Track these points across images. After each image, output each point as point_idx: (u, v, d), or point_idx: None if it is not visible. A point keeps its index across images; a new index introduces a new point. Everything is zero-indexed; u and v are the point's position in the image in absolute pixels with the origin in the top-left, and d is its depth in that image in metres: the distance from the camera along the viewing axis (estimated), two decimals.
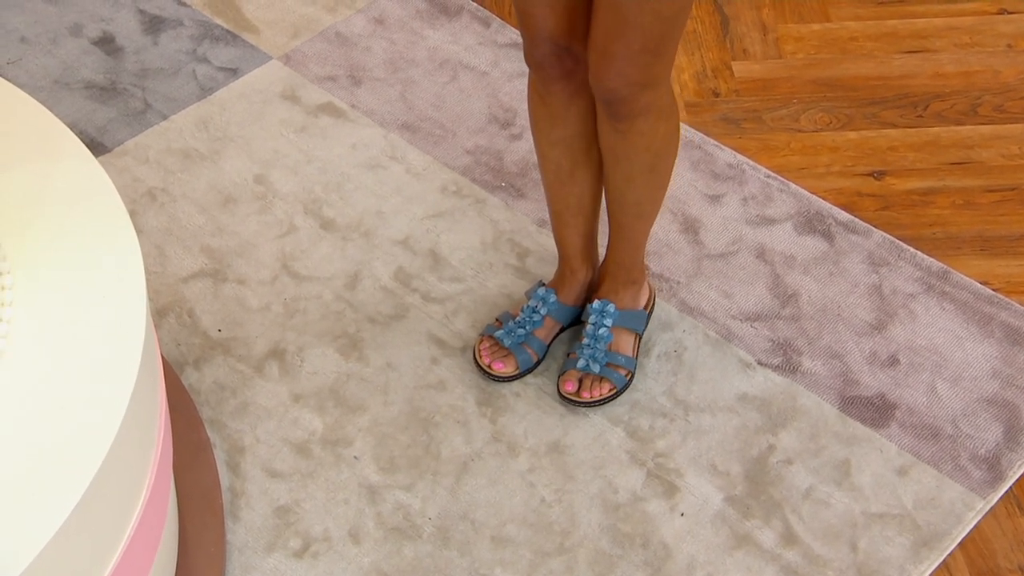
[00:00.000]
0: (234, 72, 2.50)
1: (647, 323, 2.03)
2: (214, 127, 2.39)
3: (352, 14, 2.64)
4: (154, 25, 2.59)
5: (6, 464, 1.27)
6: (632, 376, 1.98)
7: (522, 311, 2.00)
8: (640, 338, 2.02)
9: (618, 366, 1.97)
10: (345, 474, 1.88)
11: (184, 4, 2.64)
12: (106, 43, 2.55)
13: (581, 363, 1.97)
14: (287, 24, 2.61)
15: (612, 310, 1.97)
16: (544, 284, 2.03)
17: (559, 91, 1.83)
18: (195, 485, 1.77)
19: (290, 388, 1.99)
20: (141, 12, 2.62)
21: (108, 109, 2.42)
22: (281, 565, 1.78)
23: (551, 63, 1.79)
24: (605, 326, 1.97)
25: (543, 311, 1.99)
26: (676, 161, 1.88)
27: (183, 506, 1.74)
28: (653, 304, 2.05)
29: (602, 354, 1.96)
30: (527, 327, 1.99)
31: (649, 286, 2.05)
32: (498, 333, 1.99)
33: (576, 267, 2.00)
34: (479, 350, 2.00)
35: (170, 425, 1.59)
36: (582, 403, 1.95)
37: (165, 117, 2.41)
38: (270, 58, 2.53)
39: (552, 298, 1.99)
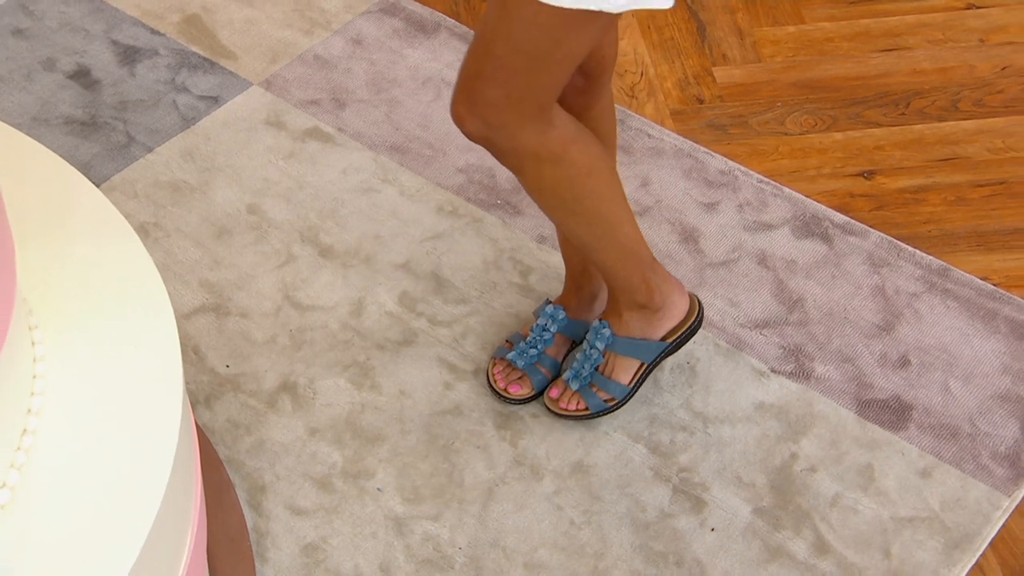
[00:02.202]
0: (215, 100, 2.42)
1: (667, 352, 1.90)
2: (200, 158, 2.31)
3: (329, 36, 2.57)
4: (129, 56, 2.50)
5: (48, 534, 1.19)
6: (620, 402, 1.89)
7: (532, 331, 1.94)
8: (646, 367, 1.91)
9: (600, 389, 1.89)
10: (370, 507, 1.82)
11: (158, 33, 2.55)
12: (82, 76, 2.46)
13: (566, 375, 1.91)
14: (264, 49, 2.53)
15: (607, 334, 1.88)
16: (551, 301, 1.97)
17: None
18: (222, 530, 1.70)
19: (305, 422, 1.91)
20: (114, 43, 2.53)
21: (91, 144, 2.33)
22: None
23: None
24: (596, 348, 1.89)
25: (553, 328, 1.93)
26: (610, 209, 1.71)
27: (211, 553, 1.67)
28: (686, 335, 1.90)
29: (587, 373, 1.89)
30: (539, 346, 1.93)
31: (690, 304, 1.90)
32: (510, 355, 1.93)
33: (581, 283, 1.94)
34: (493, 374, 1.94)
35: (205, 499, 1.52)
36: (556, 412, 1.90)
37: (150, 149, 2.32)
38: (250, 84, 2.45)
39: (561, 315, 1.93)
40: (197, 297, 2.08)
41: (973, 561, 1.79)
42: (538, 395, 1.94)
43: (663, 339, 1.89)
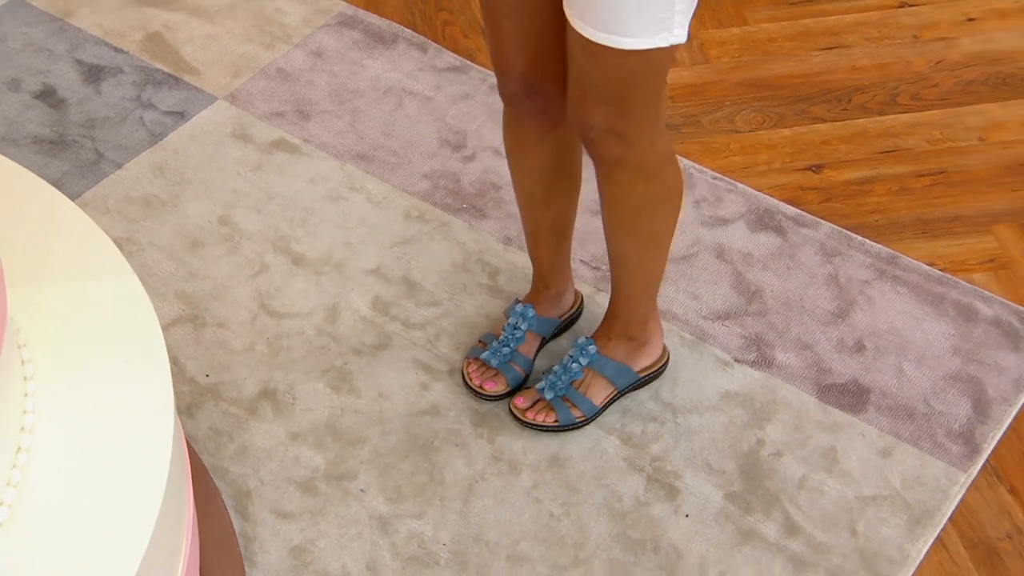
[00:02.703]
0: (181, 115, 2.38)
1: (634, 386, 1.91)
2: (170, 172, 2.27)
3: (289, 49, 2.54)
4: (94, 74, 2.46)
5: (47, 550, 1.17)
6: (587, 420, 1.88)
7: (504, 330, 1.93)
8: (620, 393, 1.90)
9: (573, 404, 1.88)
10: (354, 508, 1.80)
11: (121, 51, 2.51)
12: (48, 96, 2.42)
13: (540, 385, 1.90)
14: (227, 64, 2.50)
15: (592, 351, 1.88)
16: (520, 301, 1.95)
17: (531, 126, 1.76)
18: (210, 536, 1.67)
19: (286, 427, 1.89)
20: (78, 62, 2.48)
21: (60, 162, 2.29)
22: None
23: (522, 100, 1.71)
24: (578, 363, 1.89)
25: (524, 327, 1.92)
26: (668, 233, 1.76)
27: (201, 560, 1.64)
28: (656, 373, 1.93)
29: (563, 386, 1.88)
30: (511, 344, 1.92)
31: (663, 353, 1.93)
32: (484, 355, 1.92)
33: (549, 282, 1.93)
34: (468, 373, 1.93)
35: (197, 520, 1.49)
36: (523, 421, 1.88)
37: (119, 166, 2.28)
38: (215, 99, 2.42)
39: (531, 313, 1.92)
40: (174, 309, 2.05)
41: (935, 535, 1.81)
42: (514, 391, 1.93)
43: (638, 372, 1.90)
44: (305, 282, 2.10)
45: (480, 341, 1.97)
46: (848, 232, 2.22)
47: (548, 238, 1.88)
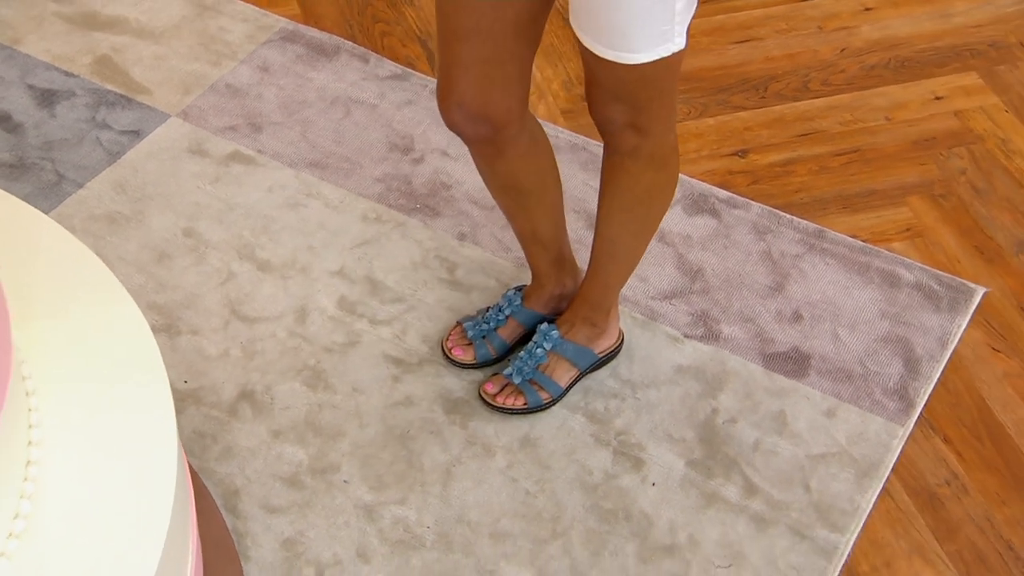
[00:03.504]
0: (137, 134, 2.33)
1: (595, 366, 1.91)
2: (131, 189, 2.22)
3: (236, 65, 2.49)
4: (47, 98, 2.39)
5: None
6: (553, 401, 1.87)
7: (490, 309, 1.92)
8: (582, 374, 1.90)
9: (541, 387, 1.87)
10: (339, 499, 1.77)
11: (72, 75, 2.44)
12: (4, 121, 2.34)
13: (507, 370, 1.89)
14: (176, 82, 2.44)
15: (555, 336, 1.87)
16: (520, 288, 1.94)
17: (479, 154, 1.71)
18: (206, 535, 1.63)
19: (267, 426, 1.86)
20: (30, 87, 2.41)
21: (22, 185, 2.22)
22: None
23: (463, 128, 1.64)
24: (543, 347, 1.88)
25: (507, 311, 1.91)
26: (659, 219, 1.77)
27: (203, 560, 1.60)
28: (612, 354, 1.93)
29: (530, 370, 1.87)
30: (491, 323, 1.91)
31: (619, 335, 1.93)
32: (466, 324, 1.91)
33: (544, 282, 1.91)
34: (448, 334, 1.92)
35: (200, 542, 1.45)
36: (493, 406, 1.87)
37: (80, 185, 2.22)
38: (168, 116, 2.37)
39: (518, 301, 1.91)
40: (148, 319, 1.99)
41: (880, 486, 1.83)
42: (480, 366, 1.91)
43: (598, 353, 1.90)
44: (272, 287, 2.06)
45: (477, 312, 1.95)
46: (776, 211, 2.24)
47: (534, 247, 1.86)
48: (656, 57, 1.45)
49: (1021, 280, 2.15)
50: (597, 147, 2.34)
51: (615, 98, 1.56)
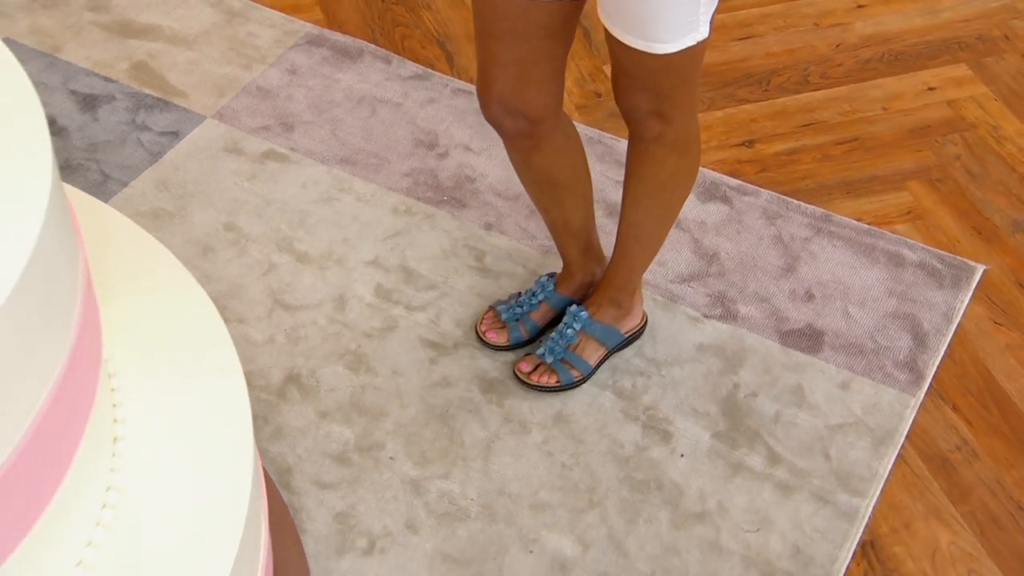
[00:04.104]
0: (176, 135, 2.33)
1: (622, 345, 1.92)
2: (173, 187, 2.22)
3: (266, 68, 2.49)
4: (88, 103, 2.39)
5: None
6: (584, 378, 1.88)
7: (523, 294, 1.94)
8: (610, 352, 1.91)
9: (572, 366, 1.88)
10: (386, 474, 1.78)
11: (111, 80, 2.44)
12: (48, 125, 2.33)
13: (540, 350, 1.90)
14: (210, 85, 2.44)
15: (584, 317, 1.88)
16: (553, 274, 1.95)
17: (517, 147, 1.72)
18: (270, 510, 1.64)
19: (315, 407, 1.86)
20: (73, 93, 2.41)
21: (71, 185, 2.21)
22: (356, 564, 1.67)
23: (502, 122, 1.65)
24: (573, 328, 1.89)
25: (540, 296, 1.92)
26: (682, 203, 1.78)
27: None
28: (637, 334, 1.94)
29: (561, 350, 1.88)
30: (524, 307, 1.92)
31: (643, 316, 1.94)
32: (500, 307, 1.92)
33: (574, 271, 1.92)
34: (481, 318, 1.93)
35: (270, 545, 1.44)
36: (528, 384, 1.88)
37: (125, 184, 2.22)
38: (204, 117, 2.37)
39: (551, 287, 1.92)
40: None
41: (896, 453, 1.85)
42: (513, 347, 1.92)
43: (624, 333, 1.91)
44: (311, 277, 2.06)
45: (509, 296, 1.96)
46: (785, 197, 2.25)
47: (565, 237, 1.87)
48: (683, 47, 1.46)
49: (1018, 258, 2.16)
50: (612, 140, 2.35)
51: (641, 87, 1.57)
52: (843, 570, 1.69)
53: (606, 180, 2.26)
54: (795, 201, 2.24)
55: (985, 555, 1.72)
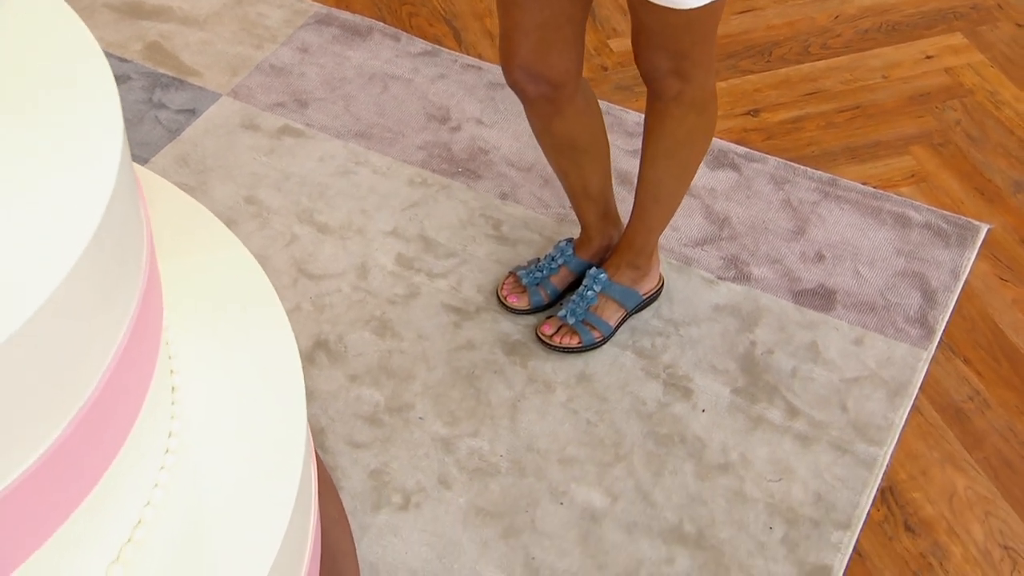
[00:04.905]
0: (192, 112, 2.35)
1: (640, 306, 1.96)
2: (193, 162, 2.25)
3: (277, 47, 2.52)
4: None
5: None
6: (605, 339, 1.92)
7: (543, 259, 1.97)
8: (629, 313, 1.95)
9: (593, 327, 1.92)
10: (417, 434, 1.81)
11: (126, 60, 2.46)
12: None
13: (561, 312, 1.94)
14: (224, 64, 2.47)
15: (604, 279, 1.92)
16: (571, 240, 1.99)
17: (539, 111, 1.75)
18: None
19: (344, 371, 1.90)
20: None
21: None
22: (392, 519, 1.70)
23: (525, 86, 1.69)
24: (593, 290, 1.92)
25: (560, 260, 1.96)
26: (699, 162, 1.82)
27: None
28: (655, 295, 1.97)
29: (582, 311, 1.92)
30: (544, 271, 1.95)
31: (660, 278, 1.98)
32: (520, 272, 1.96)
33: (592, 235, 1.95)
34: (502, 283, 1.97)
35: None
36: (551, 346, 1.92)
37: (146, 161, 2.25)
38: (220, 95, 2.39)
39: (569, 251, 1.96)
40: None
41: (910, 404, 1.89)
42: (534, 311, 1.96)
43: (642, 295, 1.95)
44: (333, 247, 2.10)
45: (528, 262, 2.00)
46: (791, 163, 2.30)
47: (584, 202, 1.90)
48: (707, 1, 1.50)
49: (1020, 217, 2.22)
50: (620, 111, 2.39)
51: (661, 45, 1.61)
52: (864, 515, 1.74)
53: (616, 150, 2.29)
54: (802, 167, 2.28)
55: (1000, 498, 1.77)
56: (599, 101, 2.37)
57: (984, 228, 2.17)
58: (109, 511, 1.09)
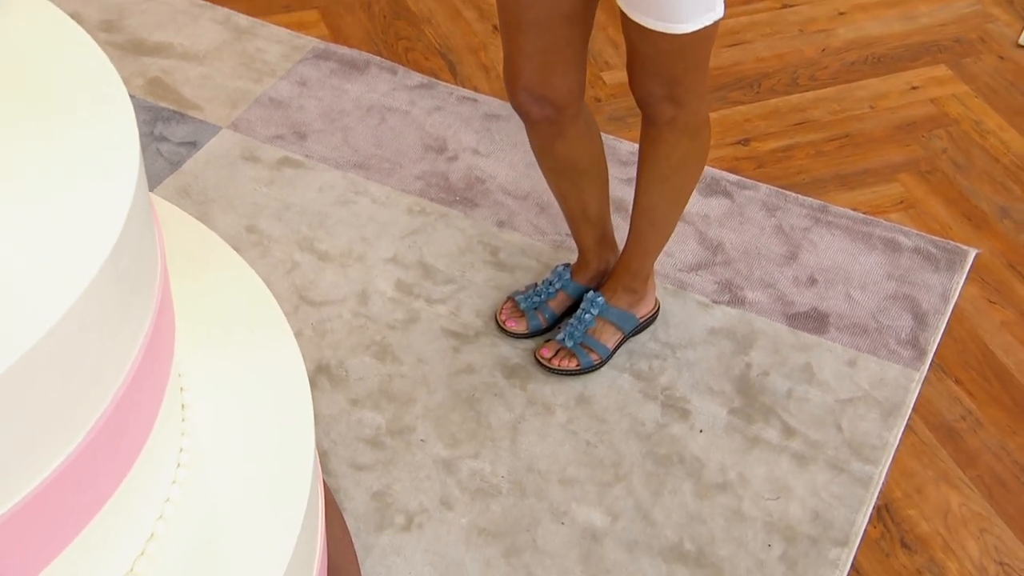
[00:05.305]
0: (193, 144, 2.38)
1: (637, 329, 1.98)
2: (195, 193, 2.27)
3: (276, 81, 2.55)
4: None
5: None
6: (603, 362, 1.94)
7: (541, 284, 1.99)
8: (626, 336, 1.97)
9: (591, 350, 1.94)
10: (419, 456, 1.83)
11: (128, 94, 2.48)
12: None
13: (560, 336, 1.96)
14: (224, 98, 2.50)
15: (601, 302, 1.94)
16: (568, 264, 2.01)
17: (541, 133, 1.78)
18: None
19: (345, 395, 1.91)
20: None
21: None
22: (395, 540, 1.71)
23: (528, 109, 1.72)
24: (591, 313, 1.95)
25: (557, 285, 1.98)
26: (693, 187, 1.84)
27: None
28: (651, 319, 2.00)
29: (580, 334, 1.94)
30: (542, 296, 1.97)
31: (656, 302, 2.00)
32: (518, 297, 1.98)
33: (589, 259, 1.98)
34: (501, 308, 1.99)
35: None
36: (550, 368, 1.94)
37: (149, 191, 2.26)
38: (220, 128, 2.42)
39: (567, 276, 1.98)
40: None
41: (904, 424, 1.91)
42: (533, 335, 1.98)
43: (639, 318, 1.97)
44: (334, 274, 2.12)
45: (525, 287, 2.02)
46: (782, 190, 2.33)
47: (582, 225, 1.92)
48: (701, 26, 1.53)
49: (1007, 242, 2.25)
50: (613, 141, 2.42)
51: (655, 71, 1.64)
52: (861, 532, 1.75)
53: (611, 178, 2.32)
54: (792, 194, 2.32)
55: (995, 515, 1.79)
56: None
57: (972, 253, 2.20)
58: (123, 524, 1.11)
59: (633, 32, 1.59)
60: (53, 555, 1.04)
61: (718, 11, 1.53)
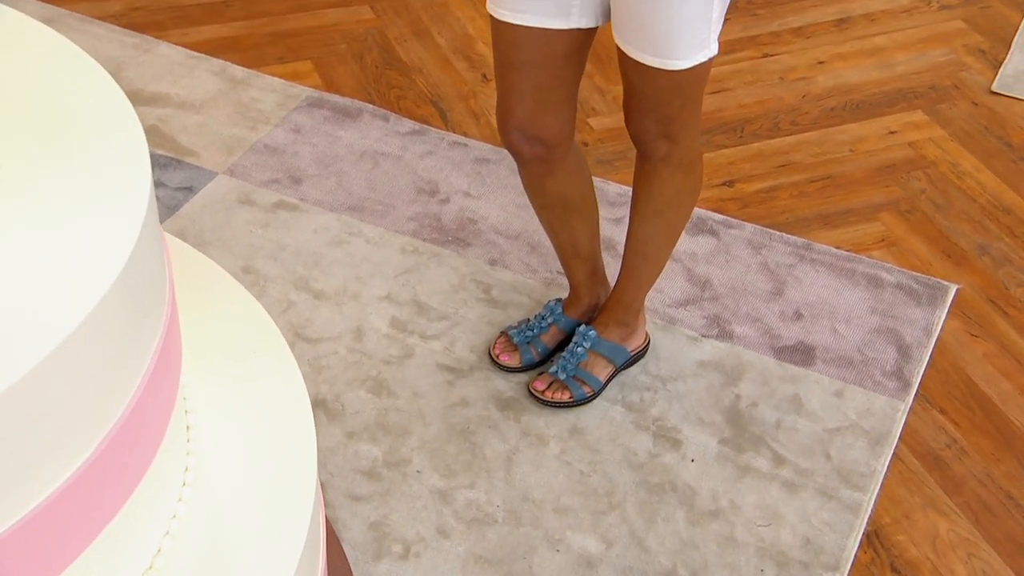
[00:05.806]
0: (190, 190, 2.41)
1: (628, 363, 2.00)
2: (191, 236, 2.30)
3: (271, 128, 2.59)
4: None
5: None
6: (595, 394, 1.96)
7: (533, 318, 2.02)
8: (617, 369, 2.00)
9: (583, 382, 1.96)
10: (415, 487, 1.84)
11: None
12: None
13: (553, 369, 1.99)
14: (219, 145, 2.54)
15: (593, 336, 1.97)
16: (560, 299, 2.04)
17: (532, 171, 1.81)
18: None
19: (342, 428, 1.92)
20: None
21: None
22: (393, 568, 1.72)
23: (520, 147, 1.76)
24: (583, 346, 1.97)
25: (549, 320, 2.01)
26: (685, 222, 1.88)
27: None
28: (642, 352, 2.02)
29: (572, 367, 1.96)
30: (534, 330, 2.00)
31: (646, 336, 2.03)
32: (511, 331, 2.00)
33: (581, 294, 2.01)
34: (494, 343, 2.00)
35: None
36: (543, 401, 1.96)
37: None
38: (216, 174, 2.45)
39: (559, 311, 2.01)
40: None
41: (891, 452, 1.94)
42: (526, 368, 2.00)
43: (630, 351, 2.00)
44: (329, 312, 2.14)
45: (517, 322, 2.04)
46: (767, 229, 2.37)
47: (573, 260, 1.95)
48: (696, 62, 1.57)
49: (986, 277, 2.29)
50: (601, 183, 2.47)
51: (650, 109, 1.68)
52: (852, 557, 1.76)
53: (600, 219, 2.36)
54: (777, 232, 2.36)
55: (982, 539, 1.81)
56: None
57: (953, 288, 2.24)
58: (131, 539, 1.12)
59: (631, 70, 1.63)
60: (61, 568, 1.05)
61: (713, 48, 1.58)
